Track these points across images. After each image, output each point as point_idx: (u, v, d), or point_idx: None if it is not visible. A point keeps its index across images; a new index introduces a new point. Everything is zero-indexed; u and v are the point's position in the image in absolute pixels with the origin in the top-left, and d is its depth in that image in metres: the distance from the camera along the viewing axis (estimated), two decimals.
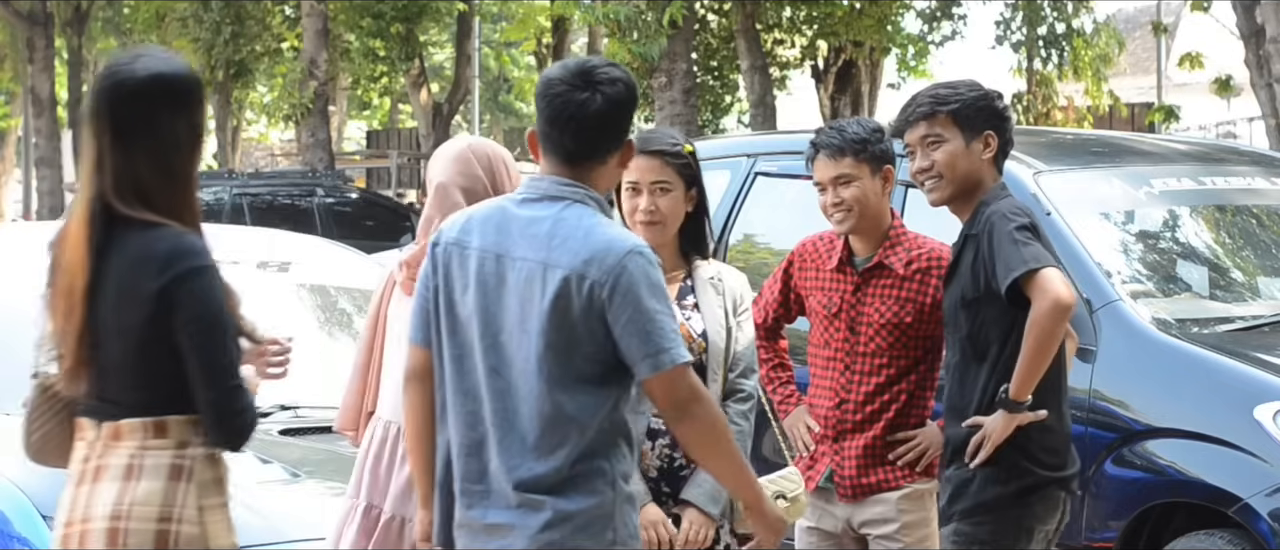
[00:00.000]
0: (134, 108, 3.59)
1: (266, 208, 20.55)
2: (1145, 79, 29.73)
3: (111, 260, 3.60)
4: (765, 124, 20.27)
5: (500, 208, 3.96)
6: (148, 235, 3.58)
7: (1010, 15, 22.10)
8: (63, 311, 3.66)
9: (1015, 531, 4.70)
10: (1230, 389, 5.84)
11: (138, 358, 3.60)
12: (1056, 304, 4.50)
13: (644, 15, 18.70)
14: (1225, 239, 7.12)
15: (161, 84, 3.61)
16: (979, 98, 4.85)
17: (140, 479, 3.59)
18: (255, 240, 7.32)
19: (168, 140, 3.61)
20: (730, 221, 8.11)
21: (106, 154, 3.59)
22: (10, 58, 37.13)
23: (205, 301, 3.58)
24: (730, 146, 9.10)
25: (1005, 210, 4.68)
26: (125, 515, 3.58)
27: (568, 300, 3.80)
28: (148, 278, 3.56)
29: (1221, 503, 5.69)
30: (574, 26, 31.41)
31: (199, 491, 3.62)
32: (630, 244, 3.86)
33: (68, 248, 3.64)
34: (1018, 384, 4.59)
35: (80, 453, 3.70)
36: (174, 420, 3.62)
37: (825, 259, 5.28)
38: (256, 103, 35.65)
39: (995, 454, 4.64)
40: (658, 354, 3.79)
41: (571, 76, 3.91)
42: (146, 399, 3.62)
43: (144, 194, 3.59)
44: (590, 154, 3.91)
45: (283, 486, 5.06)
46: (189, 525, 3.60)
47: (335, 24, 27.14)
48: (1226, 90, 18.21)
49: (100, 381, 3.66)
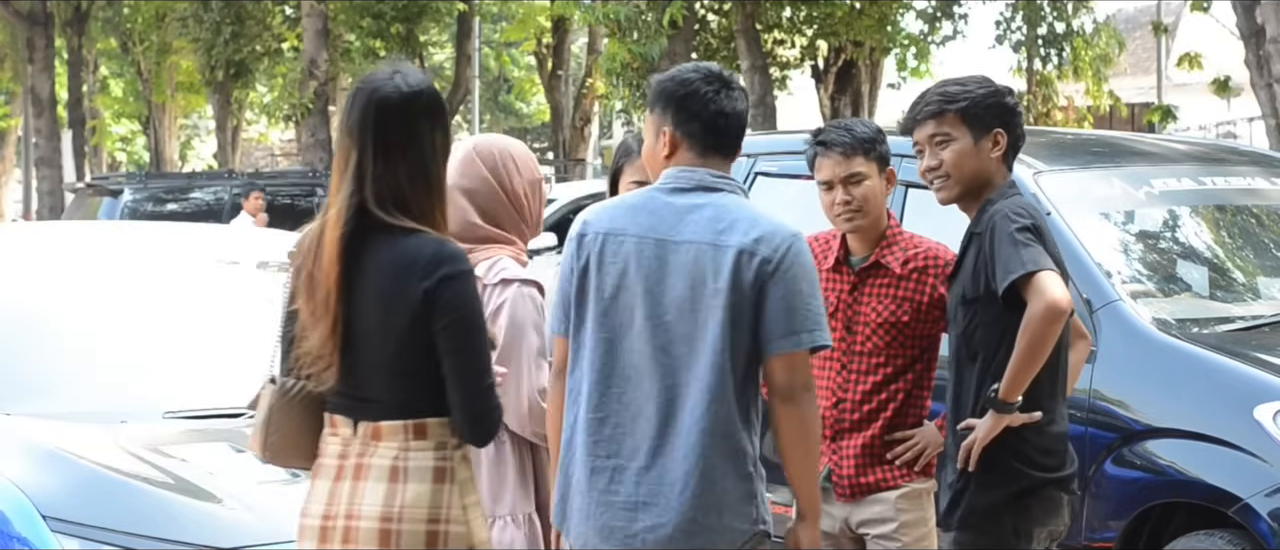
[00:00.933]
0: (397, 121, 3.79)
1: (266, 208, 20.54)
2: (1145, 79, 29.75)
3: (368, 264, 3.78)
4: (765, 124, 20.27)
5: (650, 196, 4.17)
6: (408, 241, 3.77)
7: (1010, 15, 22.10)
8: (318, 312, 3.80)
9: (1012, 535, 4.67)
10: (1230, 389, 5.84)
11: (398, 358, 3.77)
12: (1051, 307, 4.47)
13: (644, 15, 18.72)
14: (1225, 239, 7.11)
15: (422, 99, 3.83)
16: (988, 95, 4.82)
17: (407, 481, 3.77)
18: (255, 240, 7.32)
19: (427, 151, 3.81)
20: None
21: (367, 164, 3.78)
22: (10, 58, 37.17)
23: (467, 304, 3.77)
24: None
25: (1008, 210, 4.65)
26: (397, 517, 3.75)
27: (739, 275, 4.04)
28: (413, 280, 3.74)
29: (1221, 503, 5.69)
30: (574, 26, 31.47)
31: (461, 491, 3.81)
32: (794, 228, 4.14)
33: (322, 252, 3.79)
34: (1007, 384, 4.56)
35: (334, 449, 3.86)
36: (433, 422, 3.80)
37: (822, 259, 5.27)
38: (256, 103, 35.65)
39: (988, 458, 4.61)
40: (799, 333, 4.05)
41: (712, 79, 4.22)
42: (404, 399, 3.79)
43: (403, 202, 3.78)
44: (733, 150, 4.22)
45: (283, 486, 5.06)
46: (457, 525, 3.79)
47: (335, 24, 27.15)
48: (1226, 90, 18.21)
49: (356, 380, 3.81)
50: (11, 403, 5.54)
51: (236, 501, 4.94)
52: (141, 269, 6.42)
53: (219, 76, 30.54)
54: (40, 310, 6.03)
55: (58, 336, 5.92)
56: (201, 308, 6.13)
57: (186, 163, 48.55)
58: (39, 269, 6.33)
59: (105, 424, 5.42)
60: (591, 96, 32.91)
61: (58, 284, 6.18)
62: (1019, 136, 4.83)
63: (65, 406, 5.59)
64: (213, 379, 5.73)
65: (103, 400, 5.62)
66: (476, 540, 3.82)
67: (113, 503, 4.90)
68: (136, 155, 47.82)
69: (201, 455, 5.29)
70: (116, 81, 42.56)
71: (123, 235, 8.51)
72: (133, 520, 4.82)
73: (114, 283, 6.26)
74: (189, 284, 6.29)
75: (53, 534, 4.79)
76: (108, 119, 43.16)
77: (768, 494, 4.18)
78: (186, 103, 39.98)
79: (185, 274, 6.39)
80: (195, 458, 5.26)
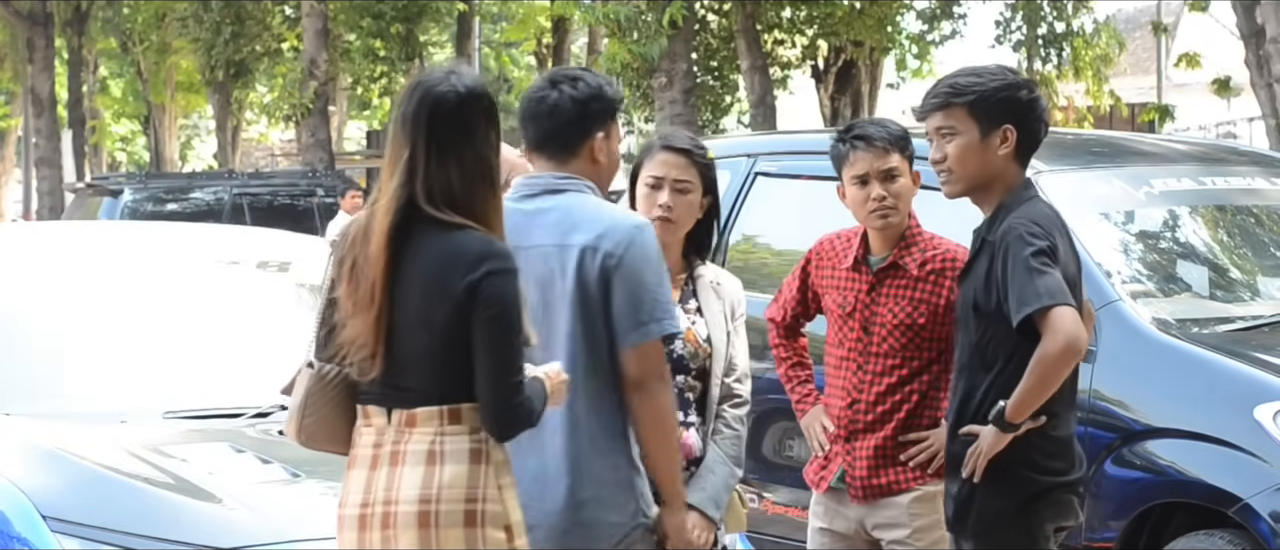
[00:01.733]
0: (451, 121, 3.86)
1: (266, 208, 20.57)
2: (1145, 79, 29.73)
3: (414, 257, 3.85)
4: (765, 124, 20.27)
5: (506, 207, 4.12)
6: (456, 236, 3.83)
7: (1010, 15, 22.10)
8: (361, 303, 3.87)
9: (1023, 539, 4.61)
10: (1230, 389, 5.84)
11: (441, 349, 3.84)
12: (1067, 348, 4.38)
13: (644, 15, 18.72)
14: (1225, 239, 7.11)
15: (477, 99, 3.90)
16: (1000, 88, 4.63)
17: (444, 463, 3.84)
18: (255, 240, 7.32)
19: (480, 150, 3.88)
20: (730, 222, 8.11)
21: (419, 160, 3.85)
22: (10, 58, 37.16)
23: (507, 300, 3.82)
24: (730, 146, 9.10)
25: (1023, 230, 4.49)
26: (435, 498, 3.82)
27: (584, 272, 4.11)
28: (458, 274, 3.80)
29: (1221, 503, 5.68)
30: (574, 26, 31.43)
31: (496, 471, 3.87)
32: (638, 220, 4.19)
33: (370, 243, 3.87)
34: (1014, 408, 4.47)
35: (369, 438, 3.92)
36: (467, 407, 3.86)
37: (841, 258, 5.22)
38: (256, 103, 35.64)
39: (994, 467, 4.54)
40: (647, 324, 4.10)
41: (548, 80, 4.31)
42: (440, 387, 3.86)
43: (453, 198, 3.85)
44: (561, 146, 4.25)
45: (283, 486, 5.06)
46: (492, 503, 3.85)
47: (335, 24, 27.15)
48: (1225, 91, 18.22)
49: (394, 370, 3.87)
50: (11, 403, 5.53)
51: (236, 501, 4.93)
52: (142, 269, 6.41)
53: (219, 76, 30.52)
54: (40, 310, 6.02)
55: (58, 336, 5.92)
56: (201, 308, 6.12)
57: (186, 163, 48.54)
58: (39, 269, 6.33)
59: (105, 424, 5.41)
60: None
61: (58, 284, 6.17)
62: (1035, 133, 4.67)
63: (65, 406, 5.59)
64: (213, 379, 5.73)
65: (103, 400, 5.61)
66: (512, 519, 3.88)
67: (113, 503, 4.90)
68: (136, 155, 47.82)
69: (201, 455, 5.29)
70: (116, 82, 42.54)
71: (123, 235, 8.51)
72: (133, 520, 4.81)
73: (114, 283, 6.25)
74: (189, 284, 6.28)
75: (53, 534, 4.79)
76: (108, 119, 43.16)
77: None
78: (186, 103, 39.98)
79: (185, 274, 6.39)
80: (195, 458, 5.25)
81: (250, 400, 5.54)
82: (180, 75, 37.06)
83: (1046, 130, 4.72)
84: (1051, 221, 4.58)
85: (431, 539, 3.81)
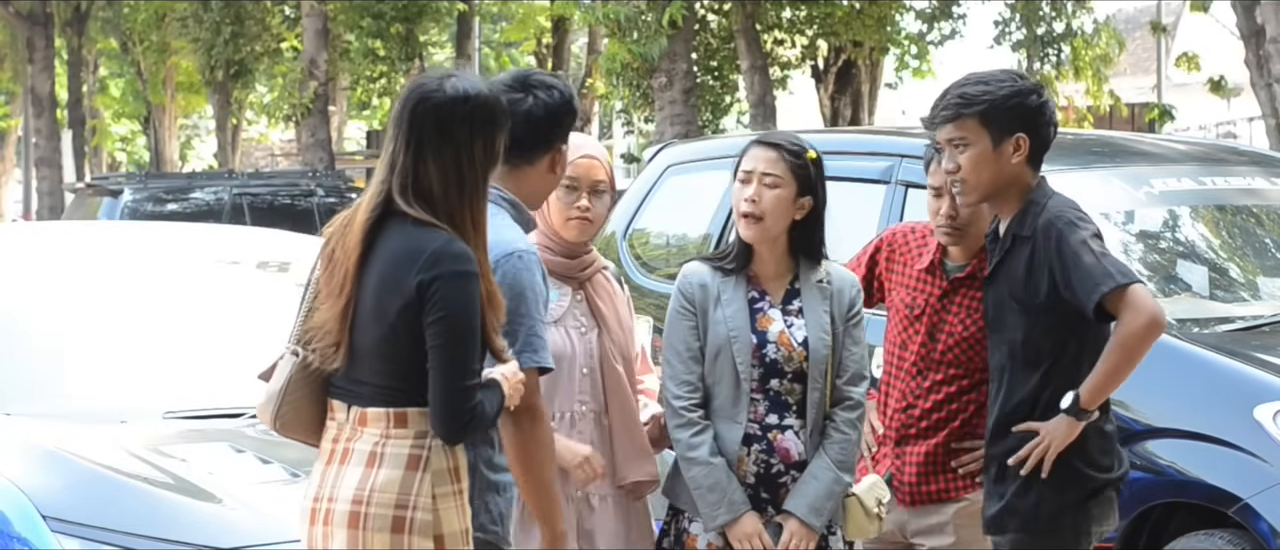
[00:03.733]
0: (432, 122, 3.90)
1: (266, 208, 20.53)
2: (1145, 79, 29.73)
3: (380, 251, 3.90)
4: (765, 124, 20.26)
5: None
6: (419, 233, 3.86)
7: (1009, 15, 22.09)
8: (334, 291, 3.94)
9: (1073, 537, 4.61)
10: (1230, 389, 5.84)
11: (387, 345, 3.87)
12: (1152, 322, 4.39)
13: (644, 15, 18.71)
14: (1225, 239, 7.11)
15: (464, 102, 3.91)
16: (1010, 96, 4.61)
17: (381, 467, 3.88)
18: (255, 240, 7.32)
19: (461, 153, 3.89)
20: (730, 221, 8.10)
21: (399, 157, 3.91)
22: (10, 58, 37.16)
23: (457, 303, 3.82)
24: (730, 146, 9.09)
25: (1070, 216, 4.51)
26: (366, 500, 3.86)
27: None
28: (410, 271, 3.83)
29: (1221, 503, 5.68)
30: (574, 26, 31.42)
31: (433, 480, 3.88)
32: (521, 246, 4.13)
33: (349, 233, 3.94)
34: (1091, 392, 4.46)
35: (330, 432, 3.99)
36: (414, 412, 3.89)
37: (915, 256, 5.12)
38: (256, 103, 35.64)
39: (1057, 463, 4.52)
40: (521, 353, 4.02)
41: (511, 82, 4.30)
42: (391, 386, 3.89)
43: (428, 197, 3.88)
44: (523, 154, 4.24)
45: (283, 486, 5.06)
46: (422, 513, 3.86)
47: (335, 24, 27.13)
48: (1222, 90, 18.21)
49: (354, 363, 3.93)
50: (11, 403, 5.53)
51: (236, 501, 4.94)
52: (142, 269, 6.41)
53: (219, 76, 30.50)
54: (40, 310, 6.02)
55: (58, 336, 5.92)
56: (202, 308, 6.12)
57: (186, 163, 48.52)
58: (39, 269, 6.33)
59: (105, 424, 5.41)
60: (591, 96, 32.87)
61: (58, 284, 6.17)
62: (1046, 137, 4.66)
63: (65, 406, 5.59)
64: (213, 379, 5.73)
65: (103, 400, 5.61)
66: (446, 529, 3.89)
67: (113, 503, 4.90)
68: (136, 155, 47.81)
69: (201, 455, 5.29)
70: (116, 82, 42.53)
71: (123, 235, 8.51)
72: (133, 520, 4.82)
73: (114, 283, 6.26)
74: (189, 284, 6.29)
75: (53, 534, 4.79)
76: (108, 119, 43.15)
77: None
78: (186, 103, 39.97)
79: (185, 274, 6.39)
80: (195, 458, 5.26)
81: (250, 400, 5.53)
82: (180, 75, 37.04)
83: (1056, 131, 4.70)
84: (1089, 215, 4.58)
85: (359, 540, 3.86)
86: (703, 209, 8.31)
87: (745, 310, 4.78)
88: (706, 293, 4.80)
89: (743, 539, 4.70)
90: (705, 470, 4.72)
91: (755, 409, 4.77)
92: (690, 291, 4.82)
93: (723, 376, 4.76)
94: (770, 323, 4.78)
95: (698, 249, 8.35)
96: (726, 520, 4.72)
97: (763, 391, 4.77)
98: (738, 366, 4.74)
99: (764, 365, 4.75)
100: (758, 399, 4.77)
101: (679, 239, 8.68)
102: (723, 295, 4.79)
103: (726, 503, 4.71)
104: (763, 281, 4.83)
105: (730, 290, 4.79)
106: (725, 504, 4.71)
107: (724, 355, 4.76)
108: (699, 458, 4.73)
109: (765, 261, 4.82)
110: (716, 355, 4.77)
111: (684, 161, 8.82)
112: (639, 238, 8.71)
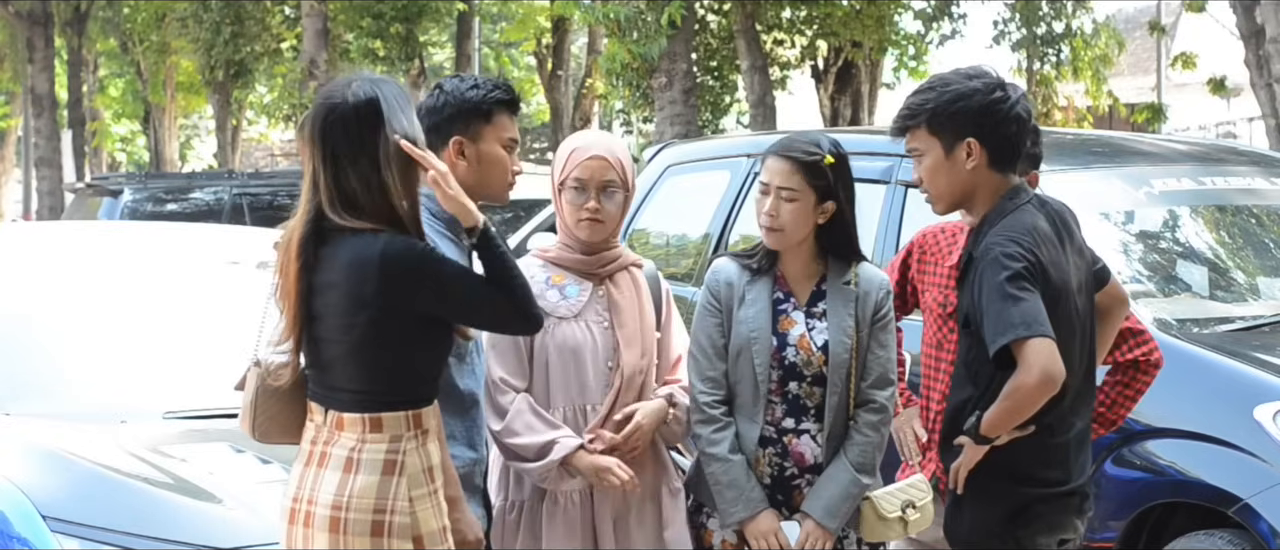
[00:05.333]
0: (343, 131, 3.97)
1: (266, 208, 20.49)
2: (1145, 79, 29.72)
3: (329, 264, 3.97)
4: (765, 124, 20.25)
5: None
6: (361, 240, 3.93)
7: (1008, 15, 22.08)
8: (284, 304, 4.05)
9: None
10: (1230, 389, 5.84)
11: (358, 353, 3.96)
12: (1041, 381, 4.19)
13: (644, 15, 18.69)
14: (1225, 239, 7.11)
15: (367, 107, 3.98)
16: (953, 101, 4.40)
17: (358, 472, 3.96)
18: (255, 240, 7.31)
19: (375, 159, 3.96)
20: (730, 221, 8.11)
21: (320, 173, 3.98)
22: (10, 58, 37.12)
23: (426, 267, 3.92)
24: (730, 146, 9.10)
25: (1000, 251, 4.27)
26: (345, 506, 3.95)
27: None
28: (366, 280, 3.91)
29: (1221, 503, 5.68)
30: (574, 26, 31.42)
31: (409, 483, 3.98)
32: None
33: (288, 251, 4.02)
34: (990, 424, 4.34)
35: (309, 433, 4.08)
36: (388, 417, 3.98)
37: (945, 253, 5.08)
38: (256, 103, 35.62)
39: (981, 477, 4.42)
40: None
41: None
42: (366, 391, 3.98)
43: (354, 205, 3.95)
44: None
45: (282, 486, 5.05)
46: (401, 516, 3.96)
47: (335, 24, 27.12)
48: (1221, 90, 18.20)
49: (325, 371, 4.03)
50: (11, 403, 5.53)
51: (236, 501, 4.94)
52: (142, 269, 6.41)
53: (219, 76, 30.50)
54: (41, 310, 6.02)
55: (58, 336, 5.92)
56: (202, 308, 6.12)
57: (186, 163, 48.51)
58: (39, 269, 6.33)
59: (105, 424, 5.41)
60: (591, 96, 32.87)
61: (58, 284, 6.17)
62: (1006, 137, 4.42)
63: (65, 406, 5.59)
64: (213, 379, 5.71)
65: (103, 400, 5.61)
66: (423, 529, 3.98)
67: (113, 503, 4.90)
68: (136, 155, 47.79)
69: (201, 455, 5.29)
70: (116, 82, 42.52)
71: (123, 235, 8.51)
72: (133, 520, 4.82)
73: (114, 283, 6.26)
74: (189, 284, 6.29)
75: (53, 534, 4.79)
76: (108, 119, 43.14)
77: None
78: (186, 103, 39.95)
79: (185, 274, 6.39)
80: (195, 458, 5.26)
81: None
82: (180, 75, 37.02)
83: (1024, 129, 4.46)
84: (1034, 234, 4.34)
85: (340, 543, 3.94)
86: (702, 209, 8.32)
87: (768, 312, 4.78)
88: (732, 291, 4.81)
89: (759, 537, 4.71)
90: (724, 467, 4.73)
91: (772, 412, 4.78)
92: (717, 289, 4.83)
93: (743, 376, 4.77)
94: (792, 326, 4.78)
95: (698, 249, 8.35)
96: (743, 517, 4.73)
97: (781, 394, 4.77)
98: (756, 369, 4.74)
99: (783, 368, 4.75)
100: (775, 402, 4.77)
101: (679, 239, 8.69)
102: (748, 295, 4.79)
103: (744, 500, 4.72)
104: (789, 282, 4.83)
105: (755, 290, 4.79)
106: (743, 501, 4.72)
107: (745, 356, 4.76)
108: (718, 454, 4.74)
109: (792, 263, 4.83)
110: (738, 355, 4.77)
111: (684, 161, 8.84)
112: (639, 237, 8.72)
